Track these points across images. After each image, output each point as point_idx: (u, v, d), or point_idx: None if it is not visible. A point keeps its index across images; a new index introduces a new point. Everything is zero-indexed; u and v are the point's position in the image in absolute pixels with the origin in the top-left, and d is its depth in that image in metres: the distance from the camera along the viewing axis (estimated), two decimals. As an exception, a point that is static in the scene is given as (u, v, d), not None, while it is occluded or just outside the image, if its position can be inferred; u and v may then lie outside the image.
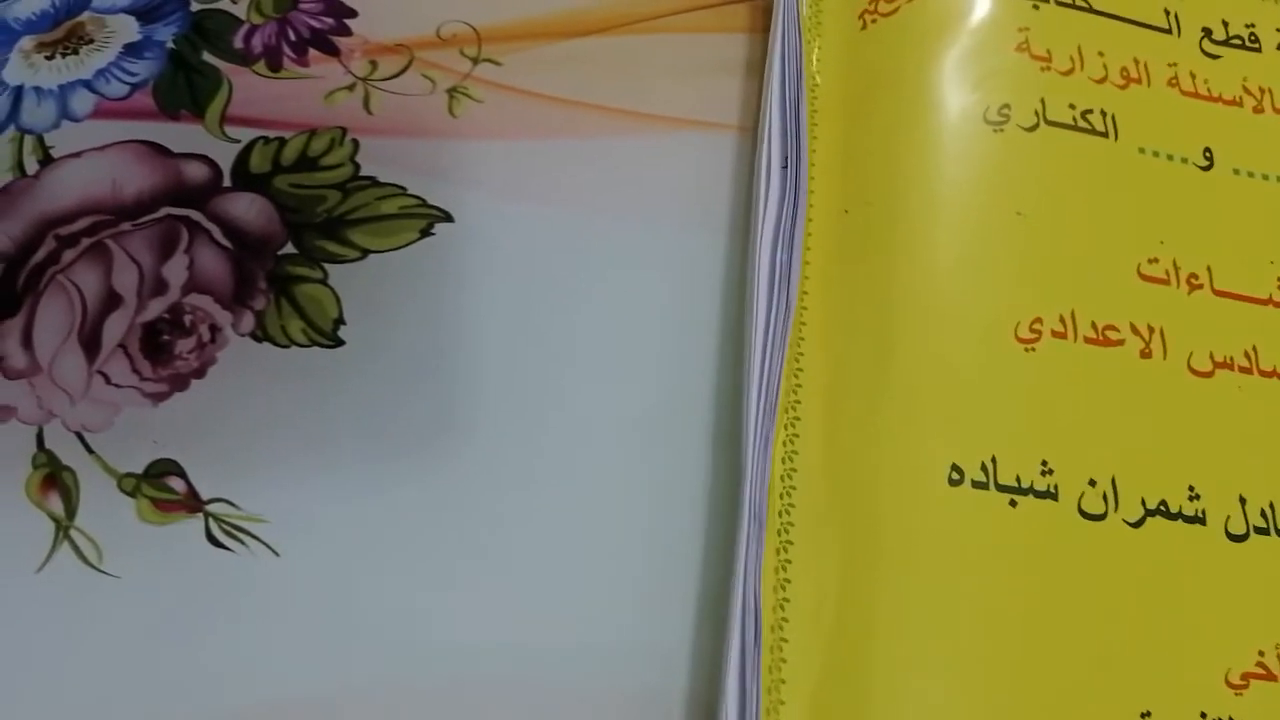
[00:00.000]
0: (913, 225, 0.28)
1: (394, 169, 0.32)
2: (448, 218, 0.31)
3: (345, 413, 0.29)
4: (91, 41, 0.34)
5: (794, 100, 0.30)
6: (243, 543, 0.28)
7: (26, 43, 0.34)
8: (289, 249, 0.31)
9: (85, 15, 0.34)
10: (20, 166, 0.32)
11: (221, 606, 0.27)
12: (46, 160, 0.32)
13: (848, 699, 0.24)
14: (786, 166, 0.30)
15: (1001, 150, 0.29)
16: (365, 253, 0.31)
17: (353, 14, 0.34)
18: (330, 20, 0.34)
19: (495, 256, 0.31)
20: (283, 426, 0.29)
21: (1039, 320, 0.27)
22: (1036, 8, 0.30)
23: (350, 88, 0.33)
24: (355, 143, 0.32)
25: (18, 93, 0.33)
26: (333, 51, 0.33)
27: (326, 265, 0.31)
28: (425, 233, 0.31)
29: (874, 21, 0.30)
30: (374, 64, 0.33)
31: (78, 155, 0.32)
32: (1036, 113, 0.29)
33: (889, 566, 0.25)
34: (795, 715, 0.24)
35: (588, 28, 0.33)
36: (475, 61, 0.33)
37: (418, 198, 0.31)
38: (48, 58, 0.33)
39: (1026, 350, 0.27)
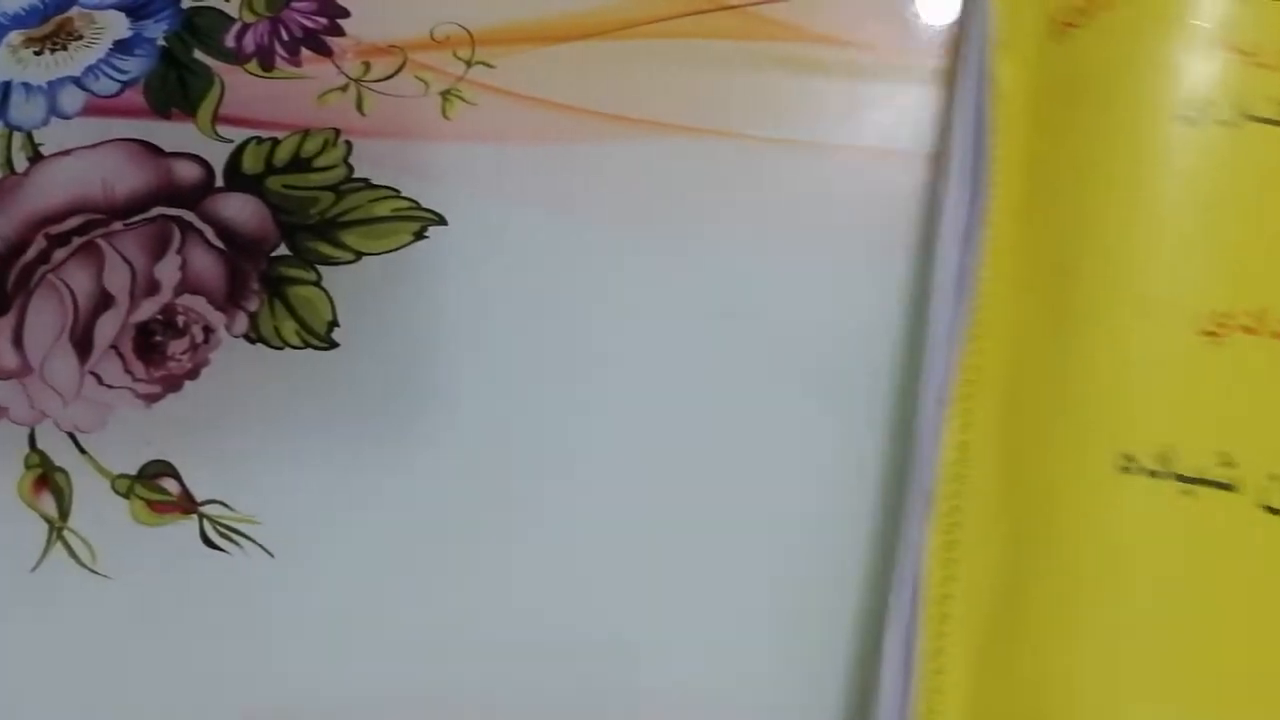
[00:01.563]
0: (1100, 221, 0.28)
1: (387, 171, 0.32)
2: (441, 221, 0.31)
3: (339, 415, 0.29)
4: (81, 37, 0.33)
5: (979, 109, 0.30)
6: (237, 544, 0.28)
7: (14, 38, 0.34)
8: (282, 250, 0.31)
9: (74, 11, 0.34)
10: (9, 163, 0.32)
11: (216, 608, 0.27)
12: (36, 157, 0.32)
13: (1007, 679, 0.25)
14: (974, 173, 0.30)
15: (1198, 146, 0.29)
16: (359, 255, 0.31)
17: (345, 14, 0.34)
18: (323, 20, 0.34)
19: (489, 261, 0.31)
20: (277, 428, 0.29)
21: (1228, 315, 0.27)
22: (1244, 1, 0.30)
23: (343, 88, 0.33)
24: (348, 144, 0.32)
25: (5, 89, 0.33)
26: (325, 52, 0.33)
27: (320, 267, 0.31)
28: (419, 235, 0.31)
29: (1071, 29, 0.30)
30: (367, 65, 0.33)
31: (68, 153, 0.32)
32: (1237, 108, 0.29)
33: (1055, 549, 0.26)
34: (955, 690, 0.25)
35: (583, 31, 0.33)
36: (469, 64, 0.33)
37: (411, 200, 0.31)
38: (36, 53, 0.33)
39: (1212, 343, 0.27)
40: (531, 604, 0.28)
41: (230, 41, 0.33)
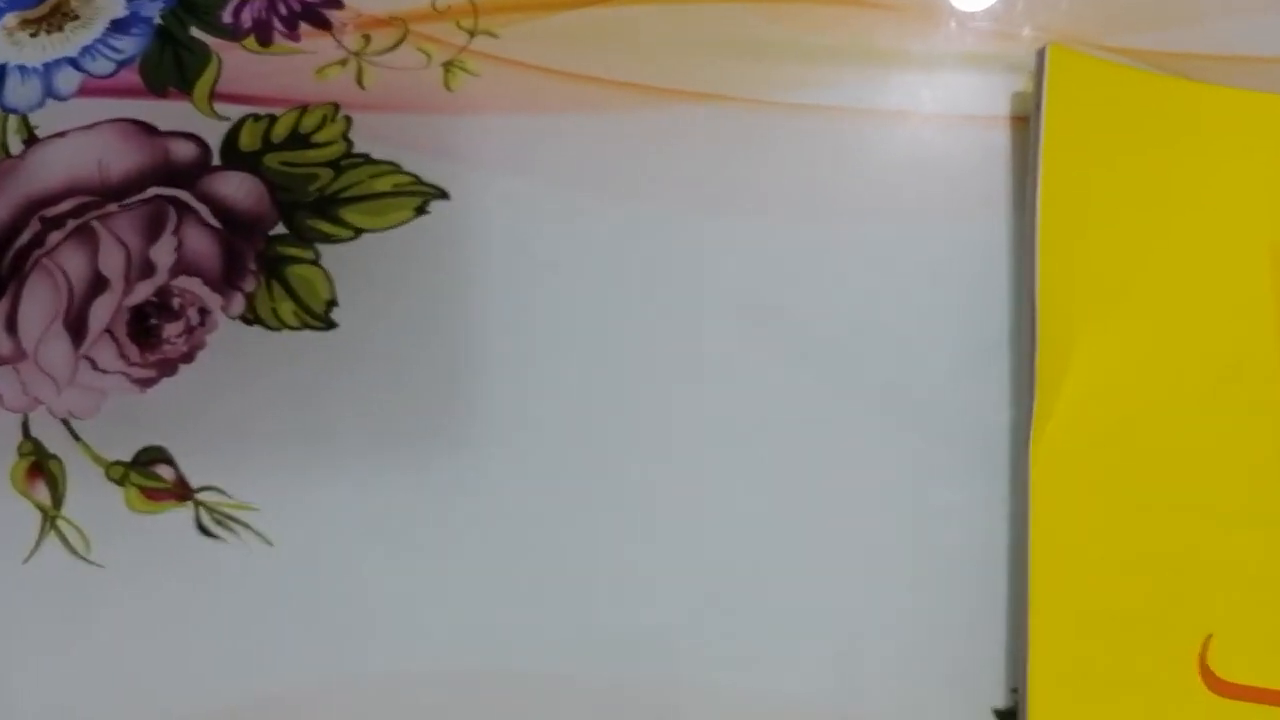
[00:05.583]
0: None
1: (388, 146, 0.31)
2: (443, 195, 0.30)
3: (338, 397, 0.28)
4: (77, 18, 0.33)
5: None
6: (233, 531, 0.27)
7: (10, 20, 0.33)
8: (280, 229, 0.30)
9: (70, -9, 0.33)
10: (4, 146, 0.31)
11: (212, 597, 0.27)
12: (31, 140, 0.31)
13: None
14: None
15: None
16: (358, 232, 0.30)
17: (345, -14, 0.33)
18: (322, -7, 0.33)
19: (493, 235, 0.30)
20: (274, 412, 0.28)
21: None
22: None
23: (343, 62, 0.32)
24: (348, 119, 0.31)
25: (1, 72, 0.32)
26: (324, 25, 0.32)
27: (318, 245, 0.30)
28: (420, 211, 0.30)
29: None
30: (367, 38, 0.32)
31: (63, 135, 0.31)
32: None
33: None
34: None
35: (587, -2, 0.32)
36: (472, 34, 0.32)
37: (412, 175, 0.30)
38: (32, 35, 0.32)
39: None
40: (537, 590, 0.27)
41: (227, 17, 0.32)
